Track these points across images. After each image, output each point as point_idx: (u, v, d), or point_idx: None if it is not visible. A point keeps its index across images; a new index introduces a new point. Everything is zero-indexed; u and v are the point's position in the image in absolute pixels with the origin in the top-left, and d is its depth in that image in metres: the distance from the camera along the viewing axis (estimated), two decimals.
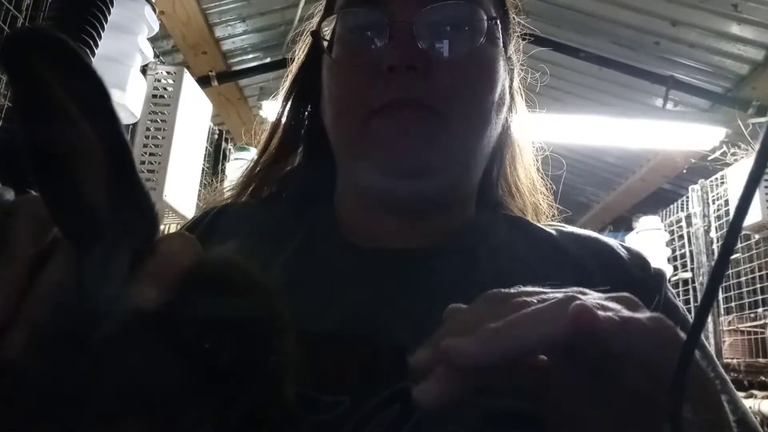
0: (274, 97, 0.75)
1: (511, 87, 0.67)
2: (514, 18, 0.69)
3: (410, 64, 0.55)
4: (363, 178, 0.61)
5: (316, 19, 0.69)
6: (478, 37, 0.58)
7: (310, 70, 0.67)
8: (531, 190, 0.71)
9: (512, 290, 0.35)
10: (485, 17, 0.59)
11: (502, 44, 0.63)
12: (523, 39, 0.71)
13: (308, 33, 0.69)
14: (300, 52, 0.71)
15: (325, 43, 0.62)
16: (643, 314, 0.33)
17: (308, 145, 0.70)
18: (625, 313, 0.32)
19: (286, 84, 0.72)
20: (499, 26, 0.62)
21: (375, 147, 0.57)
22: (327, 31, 0.62)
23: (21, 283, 0.29)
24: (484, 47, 0.59)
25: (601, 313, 0.30)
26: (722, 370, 0.58)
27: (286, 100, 0.71)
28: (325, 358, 0.46)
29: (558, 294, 0.34)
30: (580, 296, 0.32)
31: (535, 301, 0.33)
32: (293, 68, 0.71)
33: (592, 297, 0.34)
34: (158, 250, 0.30)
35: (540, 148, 0.74)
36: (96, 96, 0.27)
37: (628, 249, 0.63)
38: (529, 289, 0.35)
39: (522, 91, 0.72)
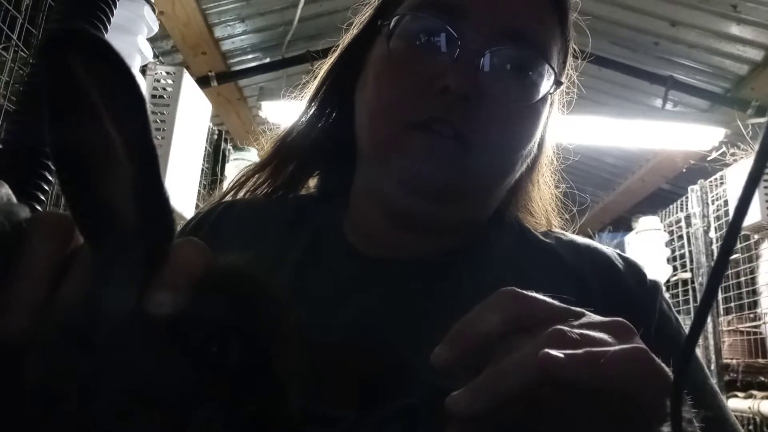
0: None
1: (545, 126, 0.66)
2: (569, 68, 0.67)
3: (465, 93, 0.54)
4: (379, 184, 0.60)
5: (369, 10, 0.66)
6: (536, 93, 0.58)
7: (350, 63, 0.65)
8: (545, 213, 0.70)
9: (526, 293, 0.36)
10: (552, 78, 0.58)
11: (551, 100, 0.63)
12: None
13: (366, 13, 0.66)
14: (353, 30, 0.68)
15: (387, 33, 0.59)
16: (628, 345, 0.33)
17: (329, 143, 0.68)
18: (600, 349, 0.32)
19: (320, 75, 0.69)
20: (558, 88, 0.62)
21: (402, 159, 0.56)
22: (392, 22, 0.59)
23: (40, 302, 0.29)
24: (536, 104, 0.59)
25: (569, 353, 0.31)
26: (713, 383, 0.58)
27: (324, 80, 0.68)
28: (330, 371, 0.46)
29: (557, 305, 0.36)
30: (565, 328, 0.33)
31: (540, 305, 0.36)
32: (333, 57, 0.69)
33: (582, 323, 0.35)
34: (172, 258, 0.30)
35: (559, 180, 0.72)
36: (131, 100, 0.27)
37: (625, 259, 0.63)
38: (540, 296, 0.36)
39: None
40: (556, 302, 0.37)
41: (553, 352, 0.31)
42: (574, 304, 0.37)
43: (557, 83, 0.60)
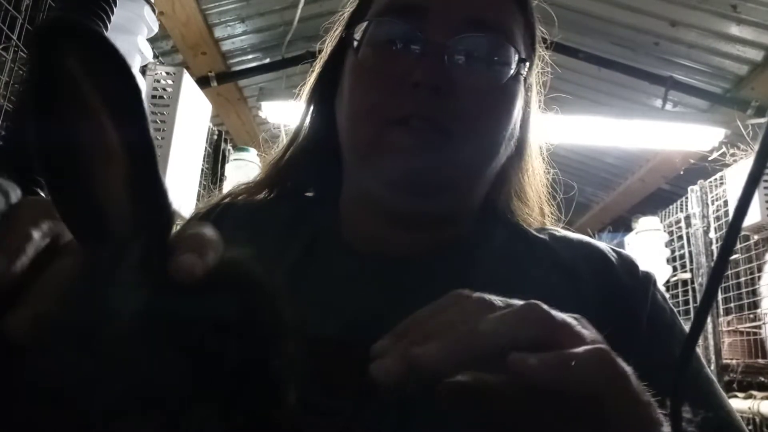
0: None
1: (526, 109, 0.67)
2: (539, 50, 0.69)
3: (435, 85, 0.55)
4: (368, 186, 0.61)
5: (346, 15, 0.69)
6: (505, 73, 0.59)
7: (333, 69, 0.67)
8: (538, 202, 0.71)
9: (475, 294, 0.37)
10: (516, 57, 0.60)
11: (524, 81, 0.64)
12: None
13: (337, 30, 0.69)
14: (326, 49, 0.70)
15: (355, 44, 0.62)
16: (591, 344, 0.33)
17: (319, 144, 0.70)
18: (567, 352, 0.32)
19: (310, 82, 0.71)
20: (527, 66, 0.63)
21: (384, 158, 0.57)
22: (357, 33, 0.62)
23: (24, 253, 0.29)
24: (508, 84, 0.60)
25: (539, 356, 0.32)
26: (708, 370, 0.59)
27: (309, 100, 0.71)
28: (328, 365, 0.46)
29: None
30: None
31: (493, 304, 0.36)
32: (317, 66, 0.71)
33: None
34: (189, 232, 0.31)
35: (550, 170, 0.74)
36: (128, 94, 0.27)
37: (618, 253, 0.64)
38: (492, 297, 0.37)
39: (538, 107, 0.71)
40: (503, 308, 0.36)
41: (525, 355, 0.31)
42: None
43: (524, 61, 0.61)
